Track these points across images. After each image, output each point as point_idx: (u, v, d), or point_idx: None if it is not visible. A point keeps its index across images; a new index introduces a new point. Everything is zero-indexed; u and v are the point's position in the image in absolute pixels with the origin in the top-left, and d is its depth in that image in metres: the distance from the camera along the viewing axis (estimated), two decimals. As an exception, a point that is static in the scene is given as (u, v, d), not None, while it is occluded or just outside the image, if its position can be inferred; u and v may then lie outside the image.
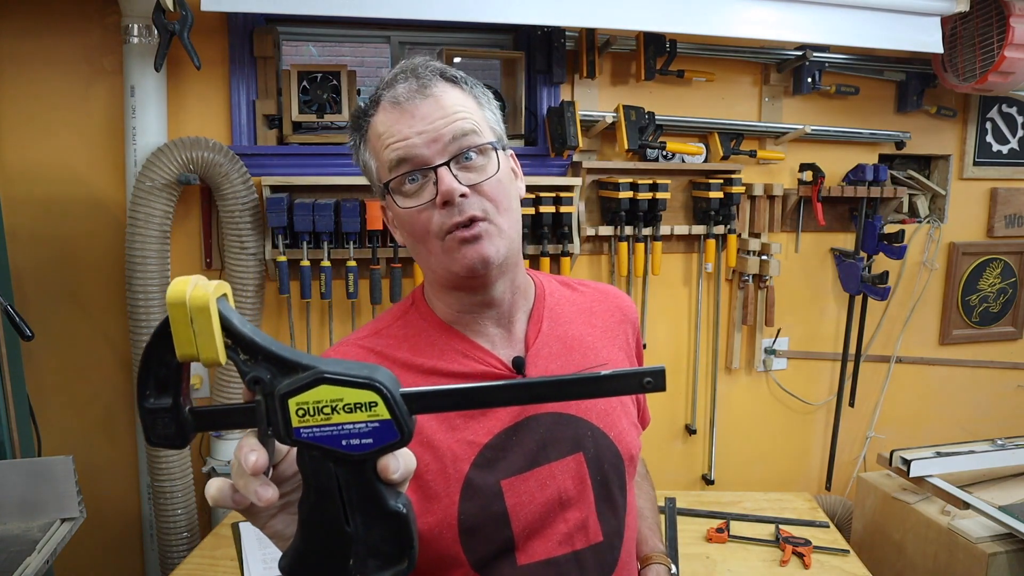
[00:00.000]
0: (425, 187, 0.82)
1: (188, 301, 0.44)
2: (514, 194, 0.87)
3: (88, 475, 1.90)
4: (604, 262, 2.27)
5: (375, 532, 0.49)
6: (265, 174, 1.93)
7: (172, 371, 0.47)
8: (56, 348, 1.96)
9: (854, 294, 2.44)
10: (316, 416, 0.46)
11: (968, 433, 2.66)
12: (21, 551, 1.35)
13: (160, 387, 0.47)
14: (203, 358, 0.45)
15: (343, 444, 0.46)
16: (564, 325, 0.94)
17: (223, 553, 1.67)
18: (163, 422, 0.48)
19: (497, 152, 0.84)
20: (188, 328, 0.45)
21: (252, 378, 0.47)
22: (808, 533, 1.80)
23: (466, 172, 0.82)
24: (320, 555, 0.49)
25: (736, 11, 1.98)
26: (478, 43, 2.23)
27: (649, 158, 2.17)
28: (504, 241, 0.83)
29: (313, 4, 1.75)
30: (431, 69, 0.85)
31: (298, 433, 0.46)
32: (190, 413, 0.48)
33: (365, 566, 0.49)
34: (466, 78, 0.88)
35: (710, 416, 2.44)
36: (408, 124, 0.81)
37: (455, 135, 0.81)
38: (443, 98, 0.82)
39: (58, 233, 1.93)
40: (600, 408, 0.92)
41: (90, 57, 1.89)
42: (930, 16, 2.10)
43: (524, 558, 0.86)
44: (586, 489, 0.88)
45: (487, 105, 0.89)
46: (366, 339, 0.92)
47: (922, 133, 2.49)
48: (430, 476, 0.84)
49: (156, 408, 0.47)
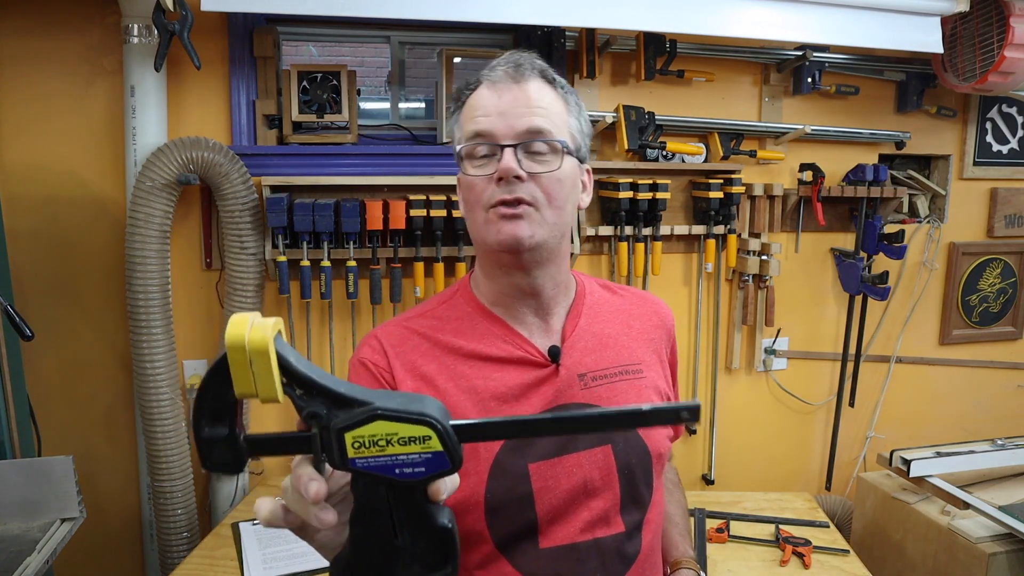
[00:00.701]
0: (491, 162, 0.87)
1: (247, 344, 0.45)
2: (571, 197, 0.91)
3: (88, 475, 1.91)
4: (604, 262, 2.27)
5: (421, 544, 0.51)
6: (265, 174, 1.93)
7: (228, 404, 0.49)
8: (56, 348, 1.96)
9: (854, 294, 2.44)
10: (371, 448, 0.48)
11: (968, 433, 2.66)
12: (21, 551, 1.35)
13: (215, 418, 0.49)
14: (261, 397, 0.47)
15: (396, 472, 0.49)
16: (601, 323, 0.98)
17: (223, 553, 1.67)
18: (219, 450, 0.49)
19: (565, 154, 0.88)
20: (247, 370, 0.46)
21: (309, 413, 0.48)
22: (808, 533, 1.80)
23: (530, 160, 0.87)
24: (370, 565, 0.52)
25: (736, 11, 1.98)
26: (478, 43, 2.23)
27: (649, 158, 2.17)
28: (543, 230, 0.87)
29: (313, 4, 1.75)
30: (533, 65, 0.90)
31: (354, 463, 0.48)
32: (245, 441, 0.50)
33: (411, 571, 0.52)
34: (564, 84, 0.94)
35: (710, 416, 2.44)
36: (494, 104, 0.87)
37: (530, 127, 0.86)
38: (533, 92, 0.88)
39: (58, 233, 1.93)
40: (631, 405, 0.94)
41: (90, 57, 1.89)
42: (930, 16, 2.10)
43: (546, 542, 0.89)
44: (612, 481, 0.91)
45: (576, 114, 0.93)
46: (412, 320, 0.96)
47: (922, 133, 2.49)
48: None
49: (212, 438, 0.49)
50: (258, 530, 1.75)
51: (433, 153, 2.05)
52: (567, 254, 0.95)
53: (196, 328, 2.04)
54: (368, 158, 2.02)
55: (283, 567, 1.60)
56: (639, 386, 0.96)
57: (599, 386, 0.93)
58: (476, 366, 0.91)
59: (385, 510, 0.50)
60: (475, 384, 0.89)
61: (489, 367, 0.91)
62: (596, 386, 0.93)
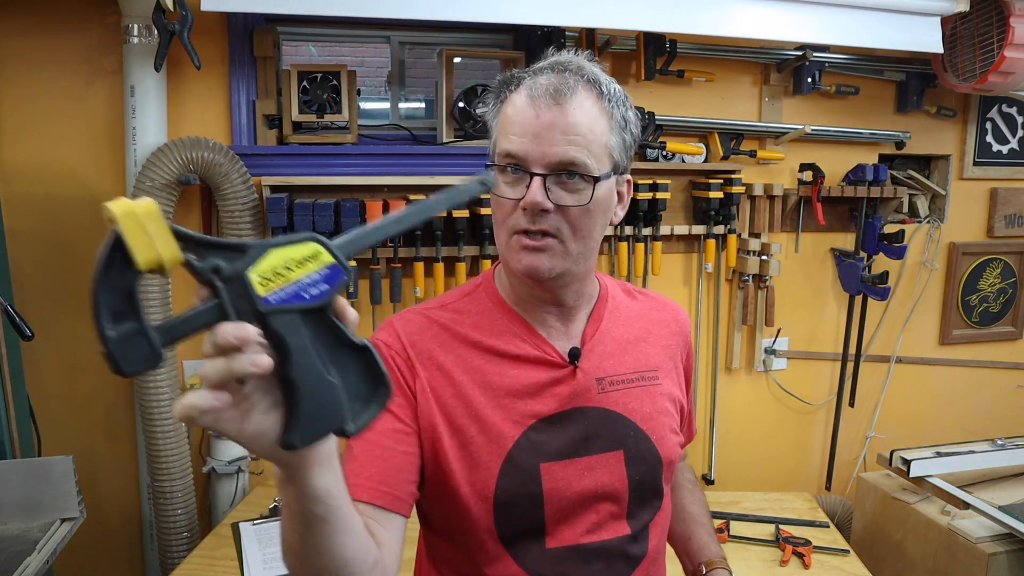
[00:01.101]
0: (520, 184, 0.84)
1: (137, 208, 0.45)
2: (600, 222, 0.88)
3: (88, 475, 1.90)
4: (604, 262, 2.27)
5: (351, 375, 0.53)
6: (265, 174, 1.93)
7: (126, 296, 0.46)
8: (56, 348, 1.96)
9: (854, 294, 2.44)
10: (276, 280, 0.50)
11: (968, 433, 2.66)
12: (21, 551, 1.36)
13: (118, 314, 0.46)
14: (166, 260, 0.46)
15: (306, 296, 0.51)
16: (621, 328, 0.98)
17: (223, 553, 1.67)
18: (132, 348, 0.46)
19: (598, 184, 0.84)
20: (144, 235, 0.45)
21: (211, 268, 0.49)
22: (808, 533, 1.80)
23: (560, 189, 0.83)
24: (319, 415, 0.52)
25: (736, 11, 1.98)
26: (478, 43, 2.23)
27: (649, 158, 2.17)
28: (564, 262, 0.85)
29: (313, 4, 1.75)
30: (579, 72, 0.85)
31: (267, 301, 0.50)
32: (157, 330, 0.47)
33: (355, 411, 0.54)
34: (613, 94, 0.87)
35: (710, 416, 2.44)
36: (531, 123, 0.82)
37: (563, 159, 0.82)
38: (573, 111, 0.82)
39: (58, 233, 1.93)
40: (646, 411, 0.94)
41: (90, 57, 1.89)
42: (930, 16, 2.10)
43: (552, 542, 0.89)
44: (622, 486, 0.91)
45: (619, 129, 0.87)
46: (431, 310, 0.95)
47: (922, 133, 2.49)
48: (474, 448, 0.87)
49: (122, 335, 0.46)
50: (258, 530, 1.75)
51: (433, 153, 2.05)
52: (592, 268, 0.94)
53: (196, 328, 2.04)
54: (368, 158, 2.02)
55: (283, 567, 1.60)
56: (654, 392, 0.96)
57: (616, 391, 0.93)
58: (493, 361, 0.90)
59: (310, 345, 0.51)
60: (491, 379, 0.89)
61: (506, 363, 0.90)
62: (613, 391, 0.93)
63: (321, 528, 0.63)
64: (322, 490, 0.60)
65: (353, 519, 0.66)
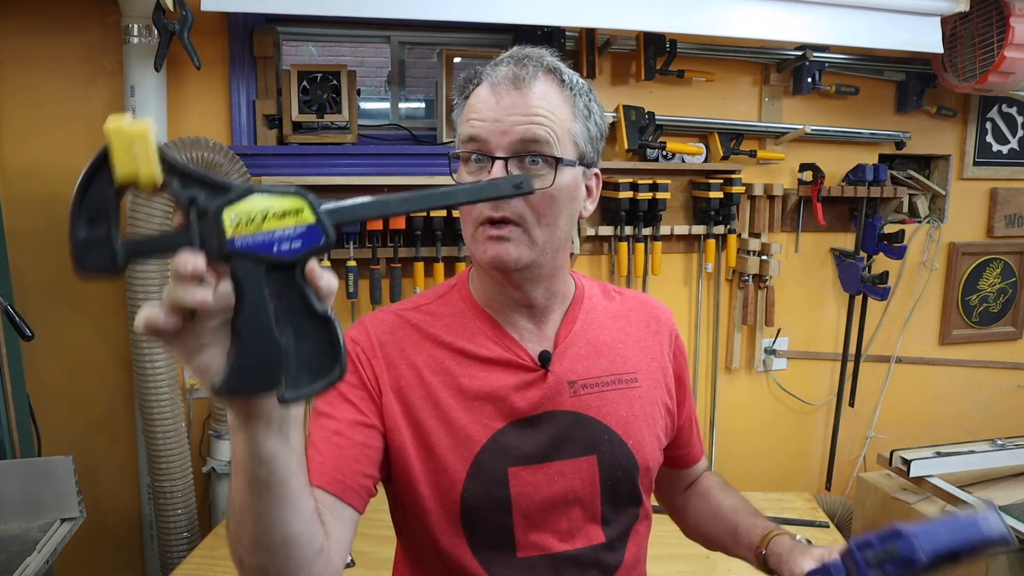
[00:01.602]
0: (482, 171, 0.83)
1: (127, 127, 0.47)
2: (565, 211, 0.86)
3: (88, 475, 1.90)
4: (604, 262, 2.27)
5: (306, 343, 0.51)
6: (265, 174, 1.93)
7: (107, 202, 0.48)
8: (56, 348, 1.96)
9: (854, 294, 2.44)
10: (249, 225, 0.49)
11: (968, 433, 2.66)
12: (21, 551, 1.36)
13: (93, 219, 0.48)
14: (142, 178, 0.47)
15: (275, 249, 0.49)
16: (596, 330, 0.95)
17: (223, 553, 1.67)
18: (96, 251, 0.48)
19: (561, 167, 0.83)
20: (128, 152, 0.47)
21: (187, 198, 0.49)
22: (808, 533, 1.80)
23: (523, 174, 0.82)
24: (254, 370, 0.51)
25: (736, 11, 1.98)
26: (478, 43, 2.23)
27: (649, 158, 2.17)
28: (530, 251, 0.83)
29: (313, 4, 1.75)
30: (537, 62, 0.84)
31: (232, 243, 0.49)
32: (123, 243, 0.49)
33: (300, 379, 0.51)
34: (575, 83, 0.86)
35: (710, 416, 2.44)
36: (491, 108, 0.82)
37: (524, 137, 0.81)
38: (534, 96, 0.82)
39: (58, 233, 1.92)
40: (623, 415, 0.92)
41: (90, 57, 1.89)
42: (930, 16, 2.10)
43: (523, 551, 0.87)
44: (595, 492, 0.89)
45: (583, 118, 0.86)
46: (405, 311, 0.94)
47: (922, 133, 2.49)
48: (441, 450, 0.86)
49: (90, 239, 0.48)
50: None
51: (433, 153, 2.06)
52: (563, 265, 0.92)
53: (196, 328, 2.04)
54: (368, 158, 2.02)
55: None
56: (632, 396, 0.93)
57: (589, 394, 0.91)
58: (463, 364, 0.89)
59: (265, 300, 0.50)
60: (460, 381, 0.88)
61: (476, 366, 0.89)
62: (586, 394, 0.90)
63: (264, 495, 0.61)
64: (267, 453, 0.58)
65: (301, 498, 0.64)
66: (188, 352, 0.52)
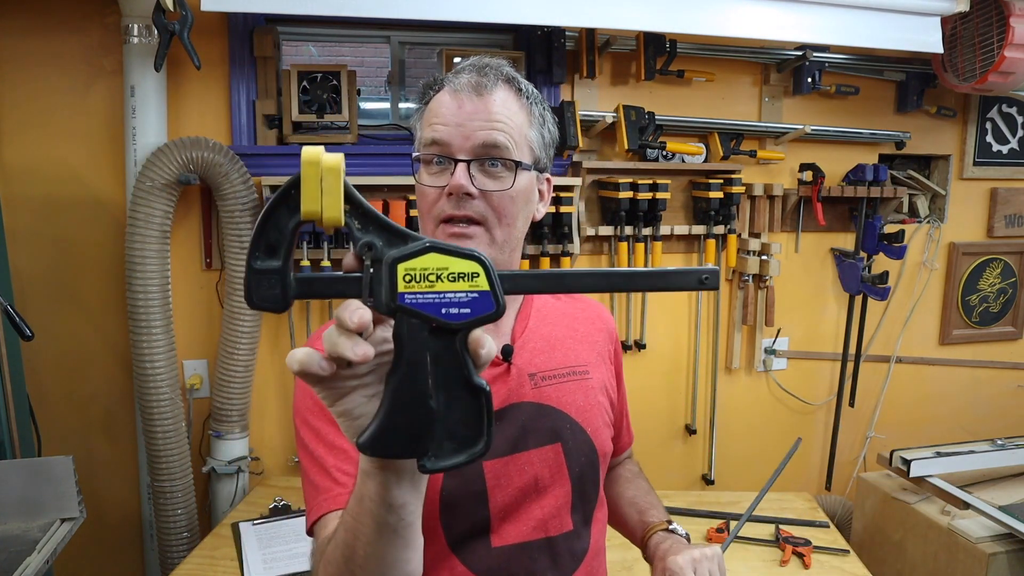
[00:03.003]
0: (444, 173, 0.87)
1: (323, 161, 0.47)
2: (522, 212, 0.91)
3: (88, 475, 1.90)
4: (604, 262, 2.27)
5: (456, 412, 0.50)
6: (265, 174, 1.93)
7: (286, 235, 0.48)
8: (56, 348, 1.96)
9: (854, 294, 2.44)
10: (422, 283, 0.48)
11: (968, 433, 2.66)
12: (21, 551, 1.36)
13: (271, 250, 0.48)
14: (326, 216, 0.47)
15: (443, 312, 0.48)
16: (549, 326, 1.00)
17: (223, 553, 1.67)
18: (268, 283, 0.48)
19: (519, 171, 0.87)
20: (317, 187, 0.47)
21: (365, 243, 0.48)
22: (808, 533, 1.80)
23: (484, 176, 0.86)
24: (401, 432, 0.50)
25: (736, 11, 1.98)
26: (478, 43, 2.23)
27: (649, 158, 2.17)
28: (491, 249, 0.88)
29: (313, 4, 1.74)
30: (496, 72, 0.89)
31: (402, 298, 0.48)
32: (295, 279, 0.49)
33: (442, 448, 0.50)
34: (530, 92, 0.92)
35: (710, 416, 2.44)
36: (453, 113, 0.86)
37: (486, 142, 0.85)
38: (494, 103, 0.87)
39: (58, 233, 1.93)
40: (580, 404, 0.96)
41: (90, 57, 1.89)
42: (930, 16, 2.10)
43: (498, 540, 0.90)
44: (563, 479, 0.93)
45: (538, 125, 0.92)
46: None
47: (922, 133, 2.49)
48: None
49: (264, 269, 0.48)
50: (258, 530, 1.75)
51: (433, 153, 2.05)
52: (516, 264, 0.96)
53: (196, 328, 2.04)
54: (368, 158, 2.02)
55: (283, 567, 1.60)
56: (586, 386, 0.98)
57: (548, 385, 0.94)
58: None
59: (425, 363, 0.49)
60: None
61: None
62: (546, 385, 0.94)
63: (392, 539, 0.62)
64: (399, 502, 0.59)
65: (420, 536, 0.65)
66: (334, 395, 0.53)
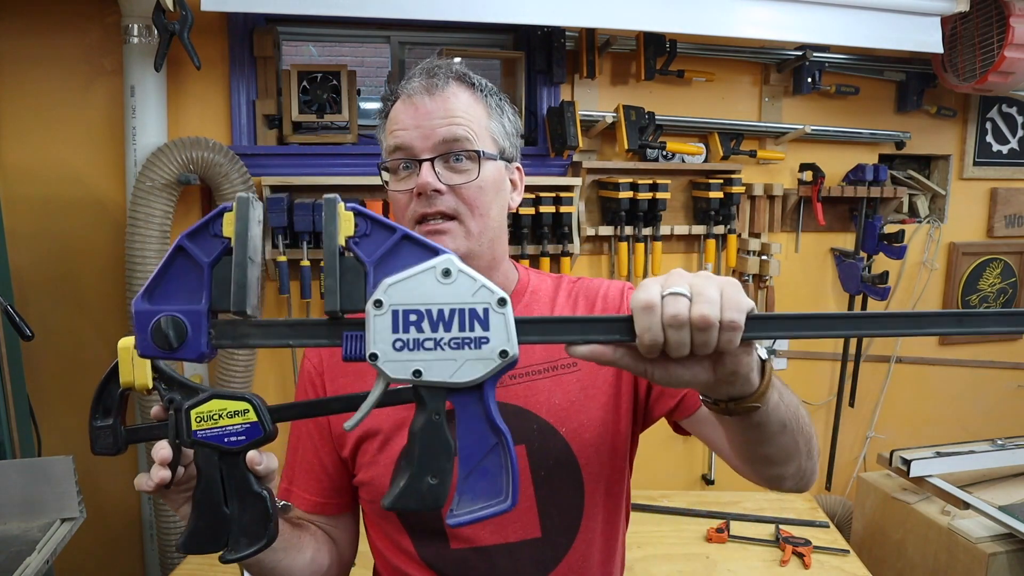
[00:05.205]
0: (412, 176, 0.88)
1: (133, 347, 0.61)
2: (495, 202, 0.91)
3: (88, 475, 1.90)
4: (604, 262, 2.27)
5: (246, 515, 0.65)
6: (265, 174, 1.93)
7: (115, 400, 0.67)
8: (56, 348, 1.96)
9: (854, 294, 2.44)
10: (208, 422, 0.64)
11: (968, 433, 2.66)
12: (21, 551, 1.35)
13: (106, 411, 0.68)
14: (138, 384, 0.65)
15: (226, 441, 0.64)
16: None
17: (223, 553, 1.67)
18: (104, 436, 0.68)
19: (484, 160, 0.88)
20: (130, 365, 0.65)
21: (169, 398, 0.65)
22: (808, 533, 1.80)
23: (451, 172, 0.87)
24: (206, 533, 0.65)
25: (736, 11, 1.98)
26: (478, 43, 2.23)
27: (649, 158, 2.17)
28: (467, 242, 0.88)
29: (313, 4, 1.75)
30: (447, 72, 0.90)
31: (196, 435, 0.64)
32: (124, 430, 0.69)
33: (238, 543, 0.65)
34: (484, 86, 0.93)
35: (710, 416, 2.44)
36: (411, 117, 0.88)
37: (446, 137, 0.86)
38: (449, 100, 0.88)
39: (58, 233, 1.93)
40: (555, 403, 0.90)
41: (90, 57, 1.89)
42: (930, 16, 2.10)
43: (456, 543, 0.90)
44: (526, 483, 0.89)
45: (497, 116, 0.92)
46: None
47: (922, 133, 2.49)
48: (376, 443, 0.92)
49: (101, 427, 0.68)
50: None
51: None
52: (502, 257, 0.95)
53: (196, 328, 2.03)
54: (368, 158, 2.02)
55: (283, 567, 1.60)
56: (566, 381, 0.91)
57: (517, 384, 0.90)
58: None
59: (218, 479, 0.64)
60: None
61: None
62: (514, 384, 0.90)
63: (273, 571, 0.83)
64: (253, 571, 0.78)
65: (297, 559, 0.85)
66: (173, 504, 0.72)
